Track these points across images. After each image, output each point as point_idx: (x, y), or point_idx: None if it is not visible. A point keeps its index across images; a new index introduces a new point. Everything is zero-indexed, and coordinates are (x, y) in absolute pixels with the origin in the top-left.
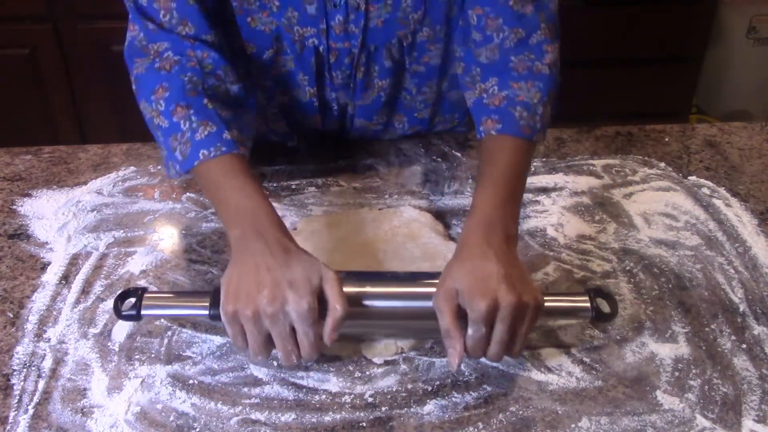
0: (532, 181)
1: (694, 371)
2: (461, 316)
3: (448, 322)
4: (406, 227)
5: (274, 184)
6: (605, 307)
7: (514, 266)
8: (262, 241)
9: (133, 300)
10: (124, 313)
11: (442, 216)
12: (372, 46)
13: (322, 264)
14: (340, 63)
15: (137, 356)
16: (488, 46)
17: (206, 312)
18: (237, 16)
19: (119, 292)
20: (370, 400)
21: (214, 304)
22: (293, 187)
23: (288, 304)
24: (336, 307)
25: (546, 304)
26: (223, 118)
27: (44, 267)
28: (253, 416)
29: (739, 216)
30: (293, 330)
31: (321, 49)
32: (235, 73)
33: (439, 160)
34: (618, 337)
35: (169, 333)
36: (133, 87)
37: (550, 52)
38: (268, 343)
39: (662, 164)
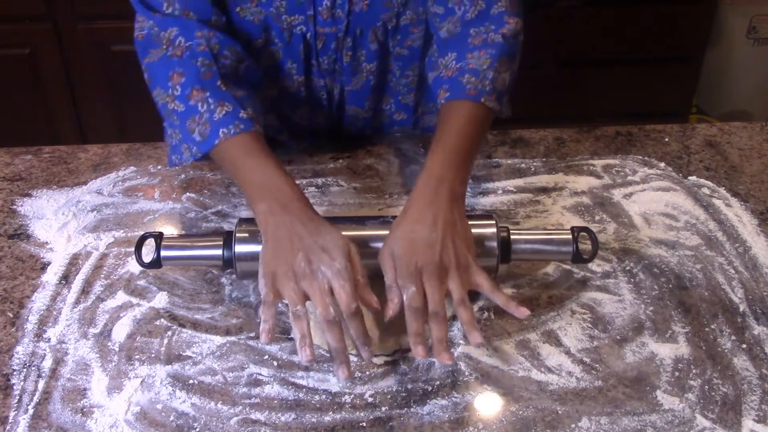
0: (532, 181)
1: (694, 371)
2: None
3: (391, 279)
4: None
5: None
6: (587, 247)
7: (452, 228)
8: (289, 214)
9: (152, 244)
10: (145, 261)
11: None
12: (358, 29)
13: (344, 235)
14: (327, 48)
15: (137, 356)
16: (450, 19)
17: (220, 253)
18: (228, 7)
19: (138, 238)
20: (370, 400)
21: (227, 246)
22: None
23: (324, 265)
24: (359, 279)
25: (527, 236)
26: (237, 97)
27: (44, 267)
28: (253, 416)
29: (739, 216)
30: (329, 287)
31: (308, 35)
32: (239, 52)
33: None
34: (618, 337)
35: (169, 333)
36: (145, 76)
37: (510, 24)
38: (305, 298)
39: (662, 164)
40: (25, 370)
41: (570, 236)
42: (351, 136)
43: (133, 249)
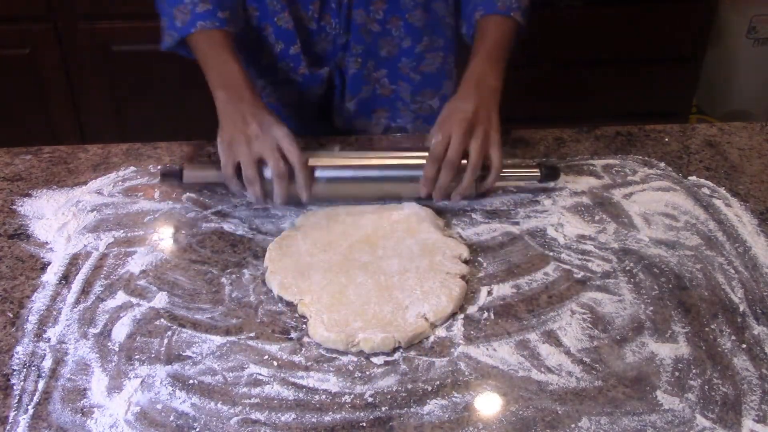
0: (532, 181)
1: (694, 371)
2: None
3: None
4: (406, 222)
5: None
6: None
7: (487, 107)
8: (243, 102)
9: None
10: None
11: (442, 216)
12: None
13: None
14: None
15: (137, 356)
16: None
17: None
18: None
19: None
20: (370, 400)
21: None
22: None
23: (274, 128)
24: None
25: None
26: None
27: (44, 267)
28: (253, 416)
29: (739, 216)
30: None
31: None
32: None
33: None
34: (618, 337)
35: (169, 333)
36: None
37: None
38: (260, 164)
39: (662, 164)
40: (25, 370)
41: (536, 165)
42: (352, 75)
43: (133, 249)
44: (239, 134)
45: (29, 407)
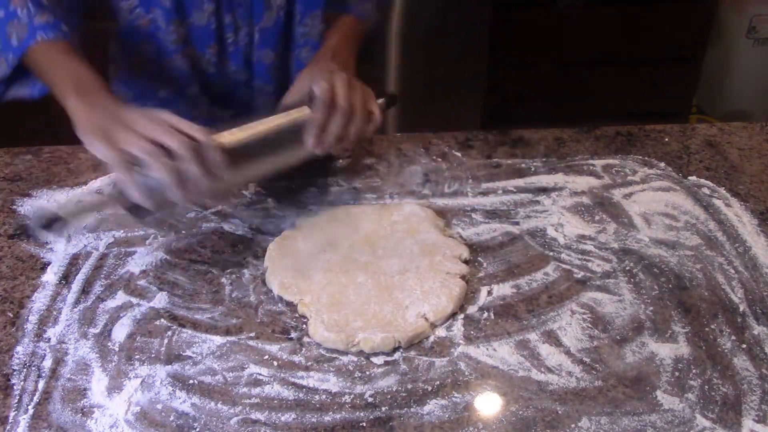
0: (532, 181)
1: (694, 371)
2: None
3: (297, 92)
4: (406, 222)
5: (274, 184)
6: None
7: (347, 71)
8: (107, 102)
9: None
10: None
11: (442, 216)
12: None
13: None
14: None
15: (137, 356)
16: None
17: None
18: None
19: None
20: (370, 400)
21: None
22: (293, 187)
23: (152, 112)
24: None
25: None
26: (57, 13)
27: (44, 267)
28: (253, 416)
29: (739, 216)
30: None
31: None
32: None
33: (439, 160)
34: (618, 337)
35: (169, 333)
36: None
37: None
38: (151, 141)
39: (662, 164)
40: (25, 370)
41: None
42: (262, 92)
43: (133, 249)
44: (112, 123)
45: (29, 407)
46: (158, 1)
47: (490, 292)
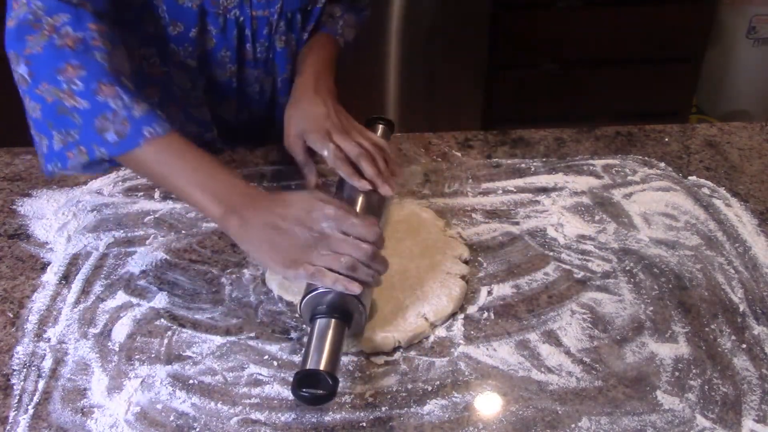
0: (532, 181)
1: (694, 371)
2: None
3: (303, 157)
4: (406, 222)
5: (274, 184)
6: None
7: (338, 109)
8: (249, 205)
9: None
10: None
11: (442, 216)
12: (289, 12)
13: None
14: (259, 33)
15: (137, 356)
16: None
17: None
18: None
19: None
20: (370, 400)
21: None
22: (293, 187)
23: (321, 218)
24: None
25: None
26: (144, 96)
27: (44, 267)
28: (253, 416)
29: (739, 216)
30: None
31: (242, 19)
32: (124, 55)
33: (439, 160)
34: (618, 337)
35: (169, 333)
36: (26, 69)
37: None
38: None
39: (662, 164)
40: (25, 370)
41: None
42: (279, 135)
43: (133, 249)
44: (293, 249)
45: (29, 407)
46: (183, 62)
47: (490, 292)
